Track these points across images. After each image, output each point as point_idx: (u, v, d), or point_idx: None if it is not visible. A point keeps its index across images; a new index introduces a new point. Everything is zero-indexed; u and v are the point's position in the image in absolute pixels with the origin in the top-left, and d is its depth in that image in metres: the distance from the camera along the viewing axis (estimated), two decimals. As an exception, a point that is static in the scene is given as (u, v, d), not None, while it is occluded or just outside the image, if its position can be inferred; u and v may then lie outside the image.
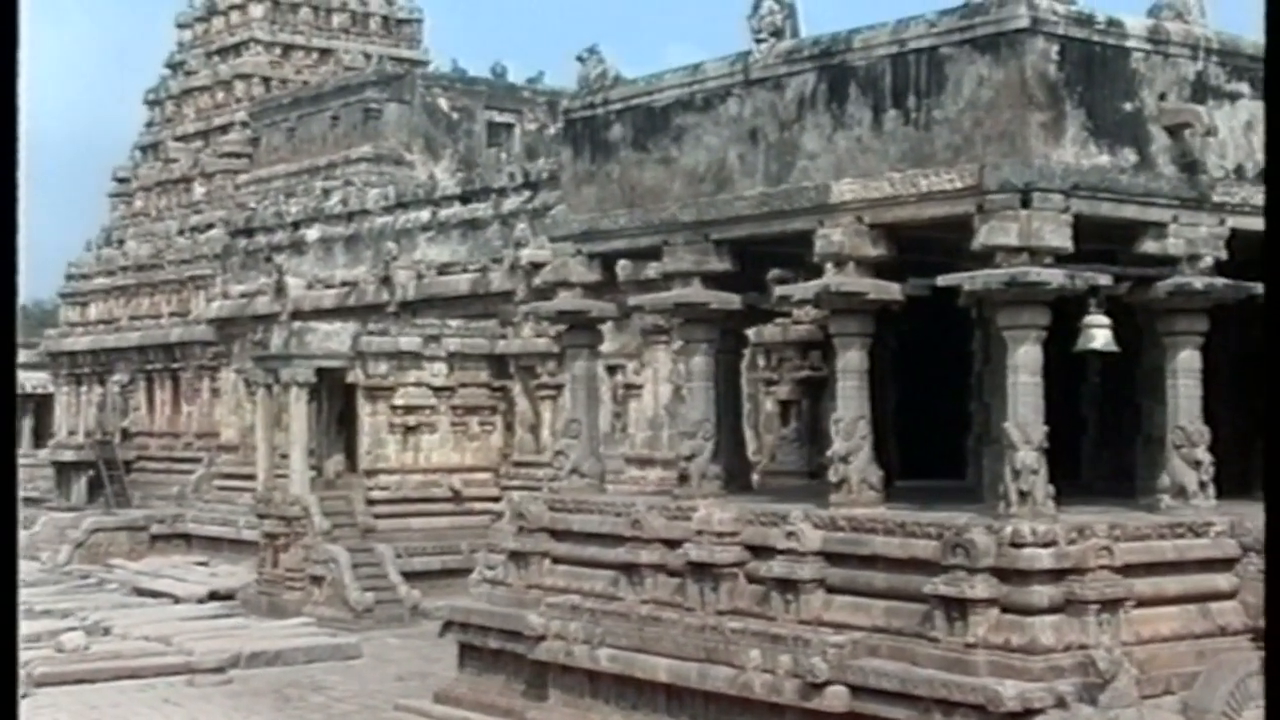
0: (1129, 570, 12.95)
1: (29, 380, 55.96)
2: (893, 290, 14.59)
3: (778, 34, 15.21)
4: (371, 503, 27.09)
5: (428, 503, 27.62)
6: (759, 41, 15.32)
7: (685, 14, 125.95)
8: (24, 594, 27.97)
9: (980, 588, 12.70)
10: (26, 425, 57.08)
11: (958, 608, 12.79)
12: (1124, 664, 12.31)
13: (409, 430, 27.65)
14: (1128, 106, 13.68)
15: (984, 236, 13.18)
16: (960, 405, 16.81)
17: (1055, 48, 13.23)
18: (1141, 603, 13.05)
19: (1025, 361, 13.28)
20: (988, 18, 13.31)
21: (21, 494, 38.76)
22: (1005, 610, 12.73)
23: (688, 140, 15.97)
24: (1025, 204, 13.02)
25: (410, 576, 25.89)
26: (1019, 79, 13.10)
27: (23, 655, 20.28)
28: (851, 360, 14.71)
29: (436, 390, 27.83)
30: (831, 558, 14.18)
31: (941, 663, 12.77)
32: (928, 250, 14.83)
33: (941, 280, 13.78)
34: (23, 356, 56.03)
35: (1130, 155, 13.65)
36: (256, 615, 25.54)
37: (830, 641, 13.50)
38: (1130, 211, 13.73)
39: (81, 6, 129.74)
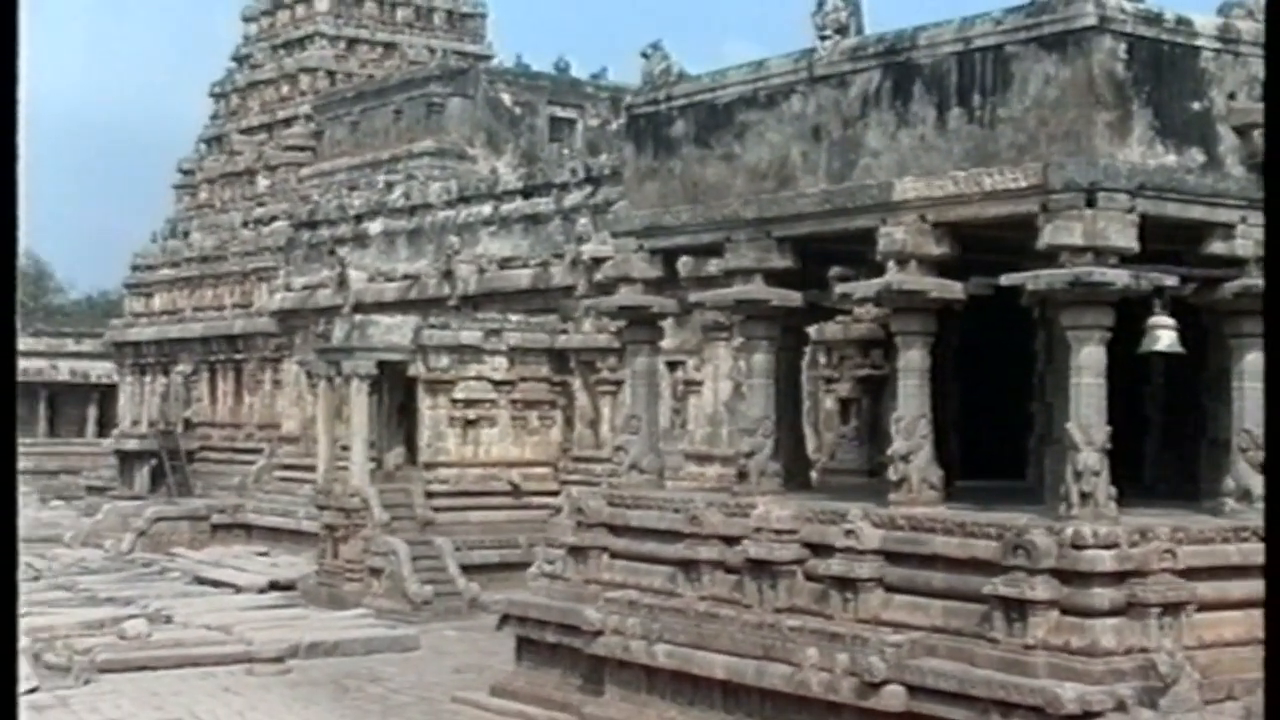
0: (1192, 573, 12.85)
1: (94, 370, 56.55)
2: (955, 289, 14.53)
3: (842, 31, 15.16)
4: (431, 495, 27.18)
5: (487, 496, 27.70)
6: (823, 39, 15.27)
7: (743, 9, 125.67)
8: (88, 581, 28.29)
9: (1040, 589, 12.63)
10: (91, 414, 57.69)
11: (1017, 609, 12.73)
12: (1186, 668, 12.22)
13: (469, 424, 27.74)
14: (1196, 106, 13.56)
15: (1048, 236, 13.10)
16: (1022, 405, 16.72)
17: (1123, 46, 13.13)
18: (1204, 607, 12.94)
19: (1089, 362, 13.19)
20: (1055, 16, 13.22)
21: (85, 482, 39.35)
22: (1065, 612, 12.66)
23: (751, 137, 15.94)
24: (1090, 204, 12.93)
25: (468, 570, 25.98)
26: (1085, 78, 13.01)
27: (87, 641, 20.54)
28: (913, 359, 14.65)
29: (497, 384, 27.91)
30: (890, 556, 14.13)
31: (1000, 664, 12.71)
32: (991, 249, 14.74)
33: (1005, 279, 13.71)
34: (88, 346, 56.66)
35: (1198, 155, 13.53)
36: (316, 606, 25.68)
37: (888, 641, 13.46)
38: (1197, 212, 13.61)
39: (144, 1, 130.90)
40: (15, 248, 4.07)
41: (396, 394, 27.99)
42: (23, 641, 21.03)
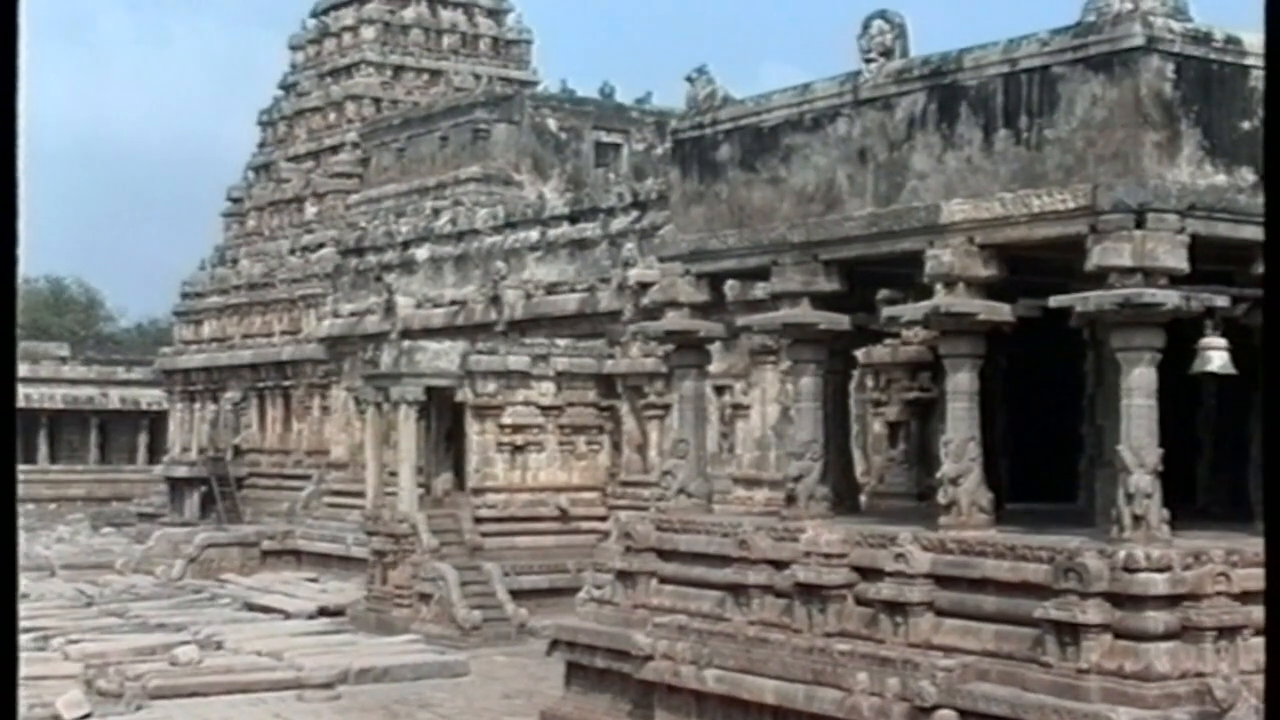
0: (1247, 597, 12.72)
1: (144, 397, 56.96)
2: (1003, 311, 14.47)
3: (887, 54, 15.14)
4: (479, 521, 27.22)
5: (535, 521, 27.71)
6: (868, 61, 15.26)
7: (780, 33, 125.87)
8: (139, 607, 28.43)
9: (1093, 613, 12.54)
10: (142, 441, 58.08)
11: (1070, 633, 12.64)
12: (1242, 693, 12.10)
13: (517, 449, 27.77)
14: (1246, 125, 13.47)
15: (1097, 257, 13.03)
16: (1072, 427, 16.62)
17: (1171, 66, 13.06)
18: (1260, 630, 12.82)
19: (1139, 383, 13.11)
20: (1101, 36, 13.17)
21: (136, 509, 39.59)
22: (1119, 636, 12.56)
23: (796, 160, 15.93)
24: (1139, 224, 12.86)
25: (517, 595, 25.98)
26: (1133, 98, 12.95)
27: (139, 668, 20.63)
28: (961, 381, 14.59)
29: (544, 409, 27.94)
30: (941, 580, 14.06)
31: (1053, 688, 12.61)
32: (1039, 271, 14.68)
33: (1054, 301, 13.65)
34: (138, 374, 57.06)
35: (1248, 174, 13.43)
36: (365, 632, 25.73)
37: (939, 665, 13.39)
38: (1248, 232, 13.49)
39: (190, 31, 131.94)
40: (16, 261, 4.10)
41: (444, 419, 28.05)
42: (76, 668, 21.17)
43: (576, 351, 28.38)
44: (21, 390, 56.69)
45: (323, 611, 28.22)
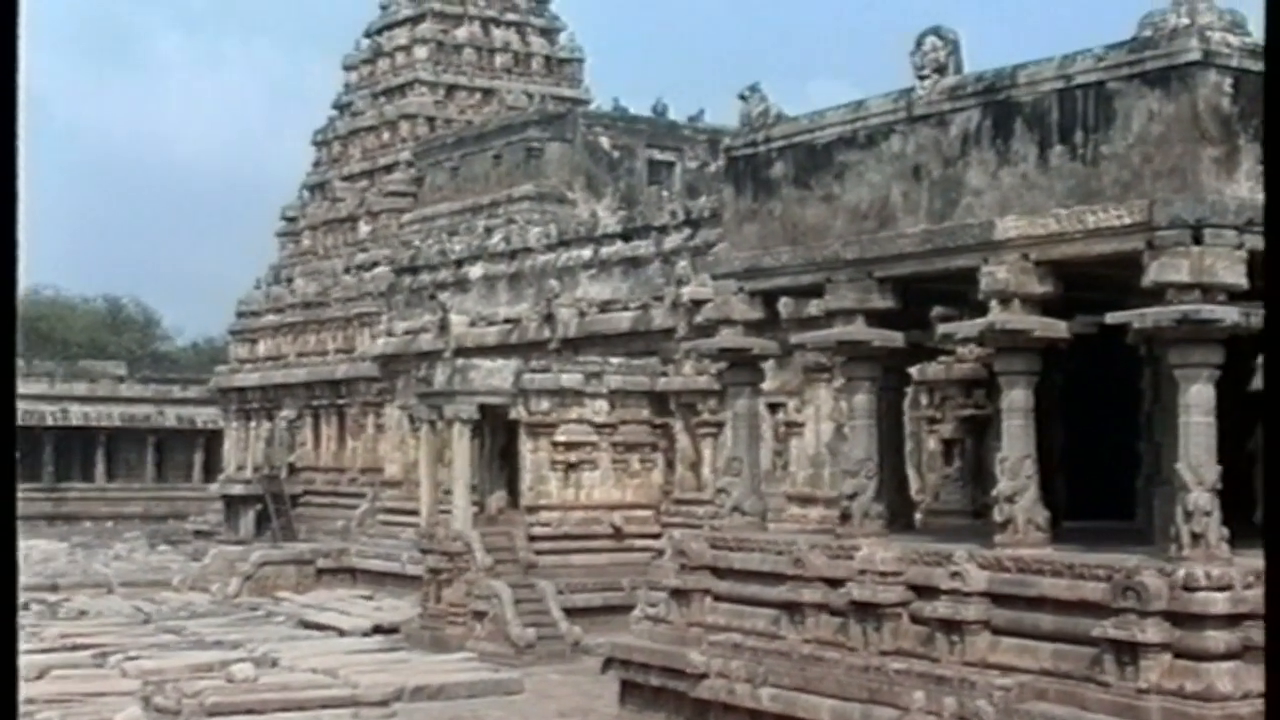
0: (1308, 615, 12.57)
1: (200, 415, 57.32)
2: (1059, 328, 14.40)
3: (941, 70, 15.11)
4: (533, 539, 27.23)
5: (589, 539, 27.69)
6: (922, 78, 15.24)
7: (827, 51, 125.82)
8: (195, 624, 28.57)
9: (1152, 632, 12.44)
10: (198, 460, 58.43)
11: (1129, 652, 12.54)
12: (1303, 712, 11.95)
13: (570, 467, 27.79)
14: (1304, 140, 13.35)
15: (1154, 273, 12.95)
16: (1129, 444, 16.50)
17: (1228, 80, 12.98)
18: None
19: (1198, 400, 13.01)
20: (1158, 51, 13.10)
21: (192, 527, 39.77)
22: (1179, 655, 12.46)
23: (850, 177, 15.91)
24: (1197, 240, 12.78)
25: (572, 613, 25.96)
26: (1190, 113, 12.87)
27: (196, 685, 20.72)
28: (1017, 399, 14.52)
29: (598, 427, 27.94)
30: (997, 599, 13.99)
31: (1112, 708, 12.52)
32: (1095, 287, 14.61)
33: (1110, 318, 13.58)
34: (194, 392, 57.42)
35: (1307, 189, 13.30)
36: (420, 649, 25.76)
37: (996, 684, 13.31)
38: (1307, 247, 13.38)
39: (243, 53, 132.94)
40: (16, 271, 4.15)
41: (498, 437, 28.10)
42: (134, 685, 21.30)
43: (630, 369, 28.38)
44: (79, 409, 57.24)
45: (377, 629, 28.28)
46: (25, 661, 23.16)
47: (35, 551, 44.03)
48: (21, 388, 57.25)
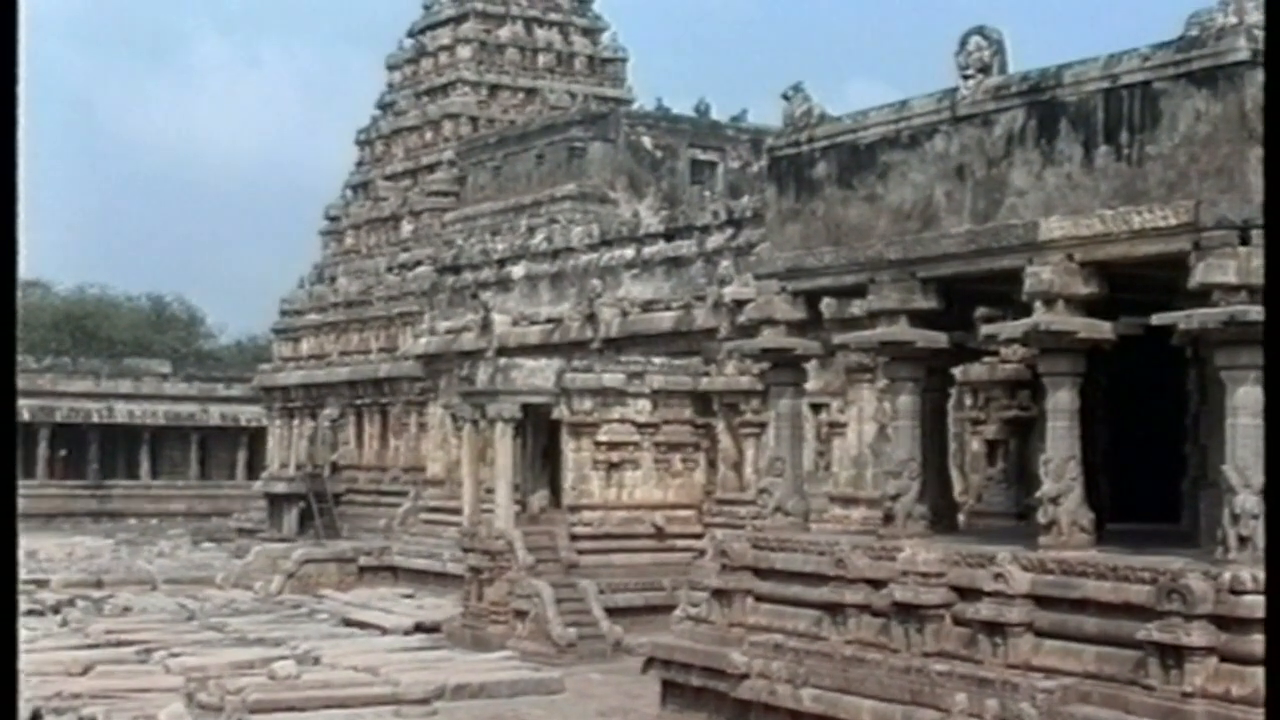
0: (1355, 619, 12.48)
1: (243, 414, 57.60)
2: (1104, 329, 14.33)
3: (985, 70, 15.06)
4: (575, 538, 27.25)
5: (630, 539, 27.69)
6: (966, 78, 15.18)
7: (865, 51, 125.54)
8: (238, 622, 28.69)
9: (1197, 635, 12.36)
10: (241, 458, 58.73)
11: (1174, 655, 12.47)
12: (1350, 717, 11.86)
13: (612, 466, 27.79)
14: (1353, 140, 13.25)
15: (1200, 274, 12.87)
16: (1175, 446, 16.39)
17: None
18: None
19: (1245, 402, 12.91)
20: (1205, 51, 13.02)
21: (236, 525, 40.02)
22: (1224, 659, 12.37)
23: (893, 177, 15.86)
24: (1244, 241, 12.69)
25: (613, 612, 25.97)
26: (1238, 112, 12.78)
27: (238, 682, 20.82)
28: (1061, 400, 14.45)
29: (640, 427, 27.94)
30: (1041, 601, 13.92)
31: (1157, 712, 12.45)
32: (1140, 288, 14.53)
33: (1156, 319, 13.50)
34: (237, 390, 57.72)
35: (1356, 190, 13.20)
36: (461, 648, 25.81)
37: (1040, 687, 13.25)
38: (1356, 248, 13.29)
39: (281, 53, 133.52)
40: (15, 265, 4.18)
41: (540, 437, 28.13)
42: (177, 681, 21.41)
43: (672, 369, 28.37)
44: (124, 406, 57.61)
45: (419, 628, 28.35)
46: (70, 656, 23.30)
47: (80, 548, 44.34)
48: (67, 386, 57.72)
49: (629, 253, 31.59)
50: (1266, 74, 4.84)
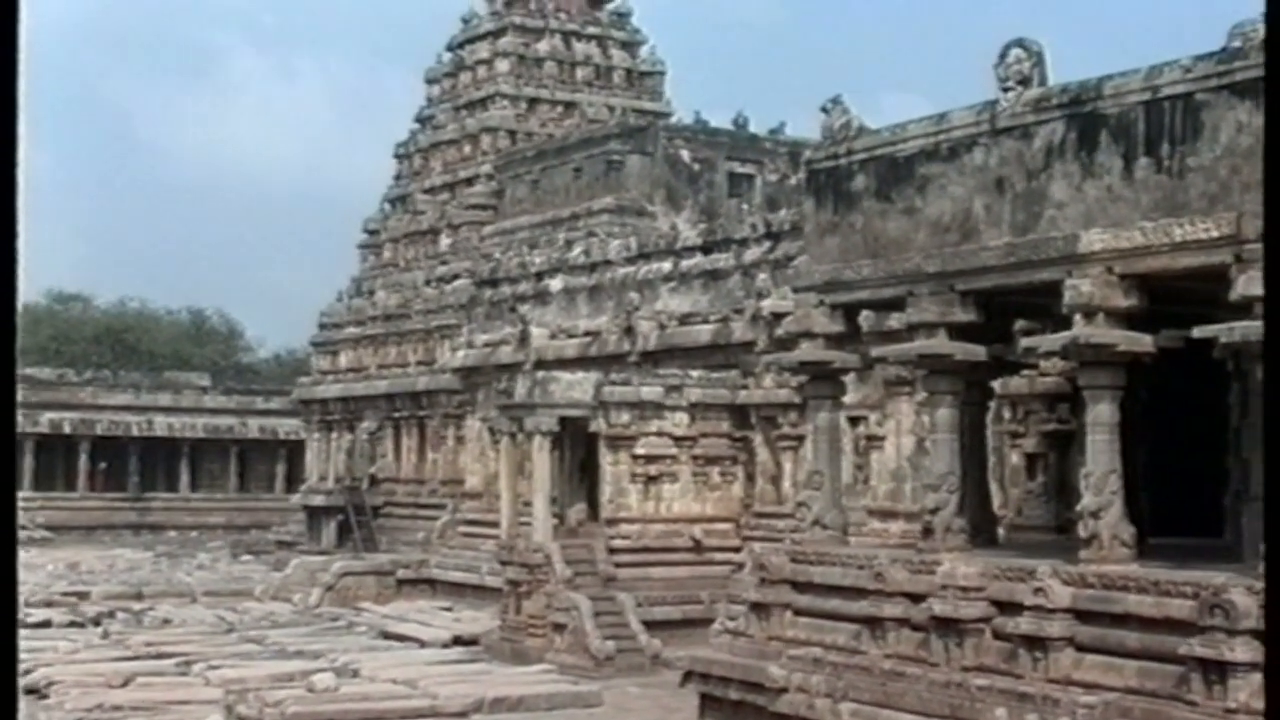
0: (1400, 635, 12.37)
1: (282, 427, 57.82)
2: (1144, 342, 14.25)
3: (1025, 82, 15.01)
4: (613, 551, 27.24)
5: (669, 552, 27.66)
6: (1005, 90, 15.14)
7: (898, 64, 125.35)
8: (277, 634, 28.77)
9: (1241, 651, 12.27)
10: (280, 470, 58.95)
11: (1216, 671, 12.38)
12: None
13: (650, 480, 27.77)
14: (1396, 151, 13.15)
15: (1242, 287, 12.79)
16: (1216, 460, 16.29)
17: (1319, 92, 12.80)
18: None
19: (1287, 416, 12.81)
20: (1248, 62, 12.94)
21: (275, 537, 40.18)
22: (1267, 674, 12.27)
23: (932, 190, 15.82)
24: (1286, 253, 12.59)
25: (651, 626, 25.94)
26: (1280, 124, 12.69)
27: (277, 694, 20.86)
28: (1102, 413, 14.38)
29: (678, 440, 27.92)
30: (1081, 615, 13.84)
31: (1199, 727, 12.36)
32: (1181, 300, 14.45)
33: (1197, 332, 13.42)
34: (276, 403, 57.95)
35: (1399, 202, 13.11)
36: (499, 661, 25.83)
37: (1081, 702, 13.17)
38: (1399, 260, 13.18)
39: (316, 68, 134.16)
40: (15, 259, 4.20)
41: (578, 450, 28.13)
42: (216, 693, 21.48)
43: (710, 382, 28.34)
44: (163, 419, 57.90)
45: (457, 640, 28.38)
46: (111, 668, 23.41)
47: (121, 560, 44.56)
48: (108, 399, 58.04)
49: (667, 266, 31.60)
50: (1267, 74, 4.80)
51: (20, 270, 4.25)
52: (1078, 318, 14.21)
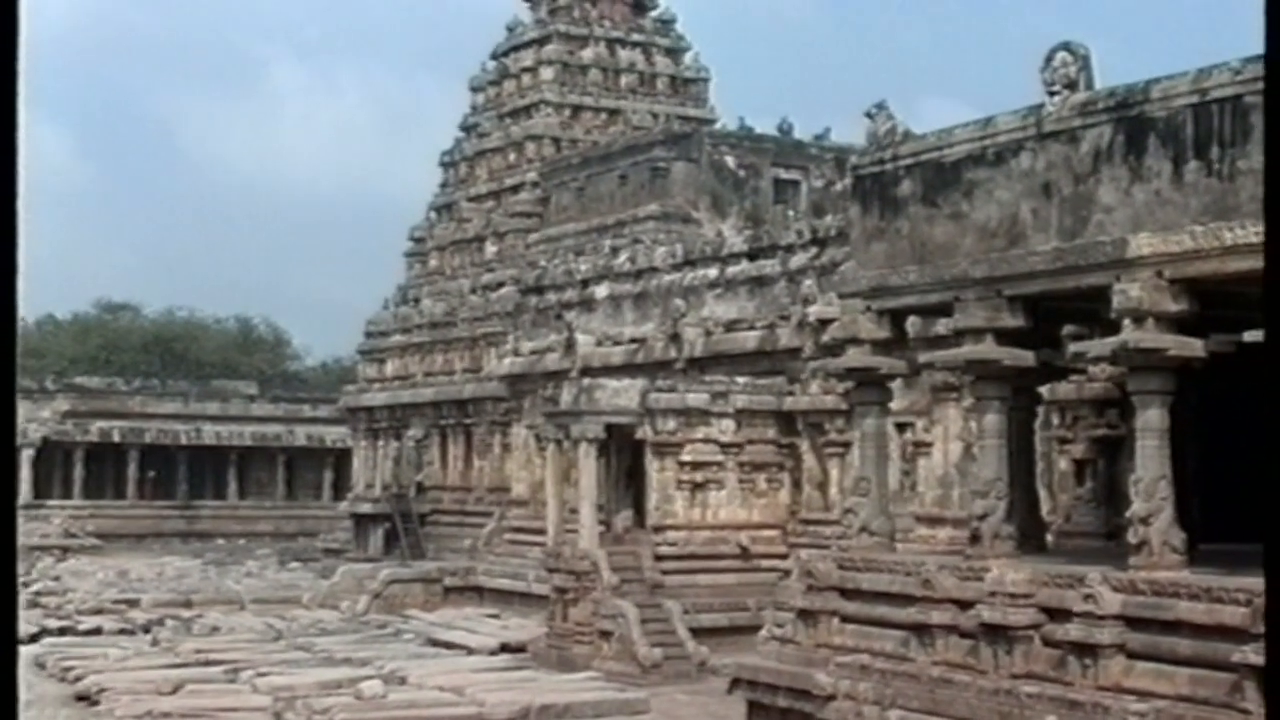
0: None
1: (329, 434, 58.04)
2: (1194, 346, 14.13)
3: (1071, 86, 14.92)
4: (659, 558, 27.23)
5: (715, 559, 27.64)
6: (1052, 94, 15.05)
7: (937, 69, 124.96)
8: (325, 642, 28.86)
9: (1293, 657, 12.14)
10: (327, 478, 59.18)
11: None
12: None
13: (697, 486, 27.75)
14: None
15: (1293, 290, 12.67)
16: (1269, 465, 16.12)
17: (1370, 93, 12.68)
18: None
19: (1339, 420, 12.69)
20: (1296, 64, 12.83)
21: (322, 545, 40.35)
22: (1320, 681, 12.15)
23: (979, 195, 15.75)
24: (1338, 256, 12.48)
25: (698, 633, 25.92)
26: (1331, 127, 12.59)
27: (325, 701, 20.92)
28: (1151, 419, 14.27)
29: (724, 447, 27.89)
30: (1132, 622, 13.74)
31: (1251, 735, 12.25)
32: (1232, 304, 14.32)
33: (1248, 336, 13.31)
34: (323, 411, 58.18)
35: None
36: (546, 668, 25.84)
37: (1132, 709, 13.07)
38: None
39: (358, 79, 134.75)
40: (15, 263, 4.22)
41: (624, 457, 28.14)
42: (265, 700, 21.57)
43: (756, 389, 28.31)
44: (211, 428, 58.22)
45: (504, 648, 28.42)
46: (160, 675, 23.54)
47: (170, 568, 44.80)
48: (156, 407, 58.42)
49: (712, 272, 31.58)
50: (1267, 74, 4.74)
51: (19, 274, 4.26)
52: (1127, 322, 14.11)
